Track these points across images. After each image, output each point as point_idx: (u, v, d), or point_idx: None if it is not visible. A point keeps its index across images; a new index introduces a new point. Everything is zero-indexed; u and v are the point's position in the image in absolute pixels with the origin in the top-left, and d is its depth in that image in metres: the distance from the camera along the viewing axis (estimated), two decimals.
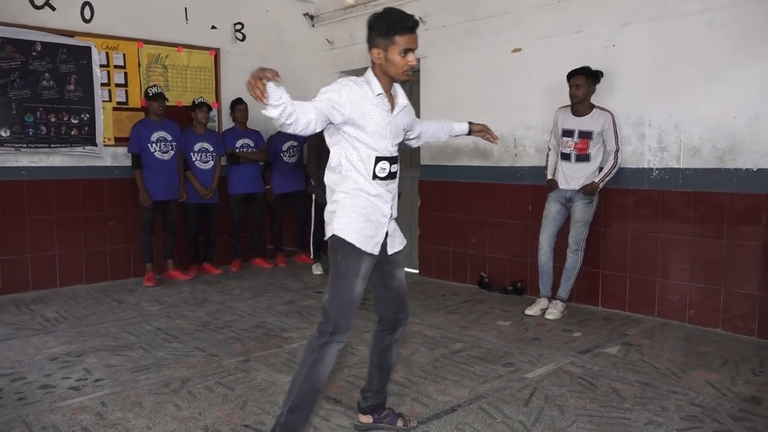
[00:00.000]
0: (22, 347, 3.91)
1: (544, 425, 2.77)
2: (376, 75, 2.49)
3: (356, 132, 2.43)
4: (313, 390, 2.44)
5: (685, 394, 3.10)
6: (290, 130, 2.33)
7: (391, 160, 2.52)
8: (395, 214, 2.60)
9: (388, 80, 2.50)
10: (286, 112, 2.22)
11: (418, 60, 5.94)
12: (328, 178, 2.55)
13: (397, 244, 2.62)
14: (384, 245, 2.56)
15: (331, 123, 2.41)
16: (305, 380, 2.42)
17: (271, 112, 2.20)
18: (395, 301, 2.65)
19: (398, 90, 2.59)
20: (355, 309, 2.48)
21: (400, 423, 2.76)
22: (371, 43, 2.47)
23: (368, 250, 2.47)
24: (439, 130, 2.94)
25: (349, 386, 3.22)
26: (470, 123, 2.99)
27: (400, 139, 2.63)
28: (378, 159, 2.47)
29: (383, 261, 2.58)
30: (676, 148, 4.34)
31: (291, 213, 6.73)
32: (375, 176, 2.47)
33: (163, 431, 2.73)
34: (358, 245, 2.44)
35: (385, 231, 2.54)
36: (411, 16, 2.42)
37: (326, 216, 2.54)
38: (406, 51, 2.42)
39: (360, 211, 2.46)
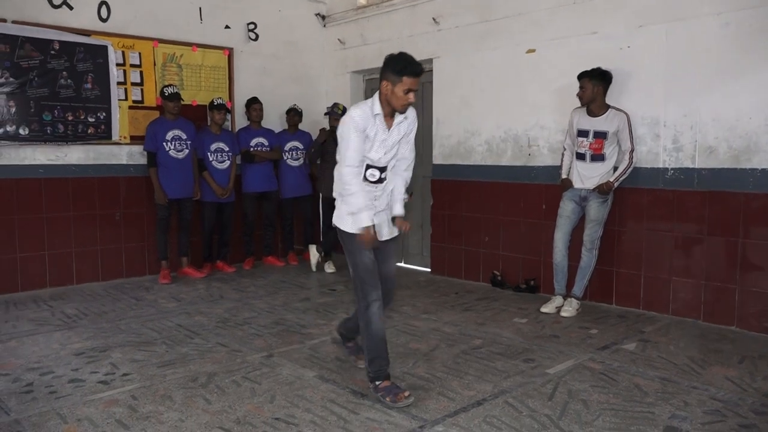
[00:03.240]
0: (46, 342, 3.95)
1: (570, 419, 2.82)
2: (380, 101, 3.01)
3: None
4: (378, 340, 3.04)
5: (706, 390, 3.16)
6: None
7: (381, 169, 3.10)
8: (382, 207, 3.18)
9: (389, 107, 3.01)
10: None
11: (431, 60, 6.02)
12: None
13: (385, 233, 3.19)
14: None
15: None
16: (368, 338, 3.04)
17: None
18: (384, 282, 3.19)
19: (398, 115, 3.07)
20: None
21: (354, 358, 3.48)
22: (383, 76, 2.97)
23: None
24: (395, 189, 3.25)
25: None
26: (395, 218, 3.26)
27: (393, 154, 3.12)
28: (368, 167, 3.06)
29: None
30: (691, 148, 4.40)
31: (300, 212, 6.75)
32: (365, 179, 3.07)
33: (196, 424, 2.78)
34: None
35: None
36: (419, 64, 2.93)
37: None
38: (409, 91, 2.93)
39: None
